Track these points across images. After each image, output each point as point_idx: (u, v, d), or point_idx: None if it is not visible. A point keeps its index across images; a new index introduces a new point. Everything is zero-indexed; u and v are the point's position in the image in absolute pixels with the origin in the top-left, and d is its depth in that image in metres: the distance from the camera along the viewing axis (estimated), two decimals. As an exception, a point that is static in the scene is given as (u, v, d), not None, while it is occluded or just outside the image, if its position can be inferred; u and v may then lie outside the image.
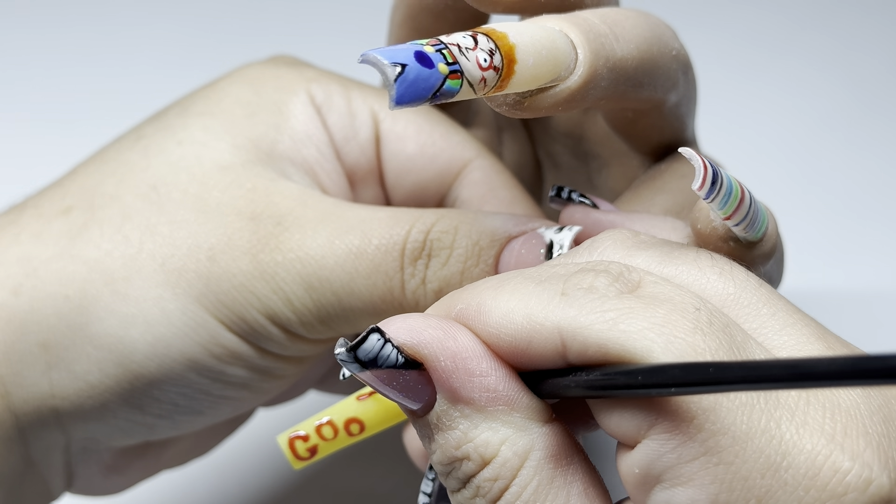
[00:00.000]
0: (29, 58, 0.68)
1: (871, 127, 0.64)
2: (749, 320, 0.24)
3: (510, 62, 0.25)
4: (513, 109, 0.27)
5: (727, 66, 0.66)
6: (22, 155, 0.62)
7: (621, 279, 0.24)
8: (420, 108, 0.36)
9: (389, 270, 0.31)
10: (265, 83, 0.35)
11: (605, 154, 0.37)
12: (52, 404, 0.32)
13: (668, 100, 0.32)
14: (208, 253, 0.31)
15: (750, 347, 0.23)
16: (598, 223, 0.31)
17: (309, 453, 0.31)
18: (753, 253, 0.28)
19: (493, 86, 0.25)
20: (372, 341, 0.24)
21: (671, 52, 0.30)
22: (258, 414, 0.42)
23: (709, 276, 0.25)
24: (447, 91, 0.24)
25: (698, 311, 0.22)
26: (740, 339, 0.23)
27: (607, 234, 0.27)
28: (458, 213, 0.32)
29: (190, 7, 0.71)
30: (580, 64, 0.26)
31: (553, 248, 0.30)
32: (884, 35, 0.68)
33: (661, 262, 0.25)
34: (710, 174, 0.25)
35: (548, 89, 0.26)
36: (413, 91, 0.23)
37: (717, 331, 0.22)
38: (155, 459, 0.37)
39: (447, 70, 0.24)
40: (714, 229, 0.28)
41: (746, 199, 0.26)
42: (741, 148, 0.60)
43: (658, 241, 0.26)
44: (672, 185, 0.33)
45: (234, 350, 0.32)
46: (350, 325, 0.32)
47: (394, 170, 0.36)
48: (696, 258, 0.25)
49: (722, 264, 0.25)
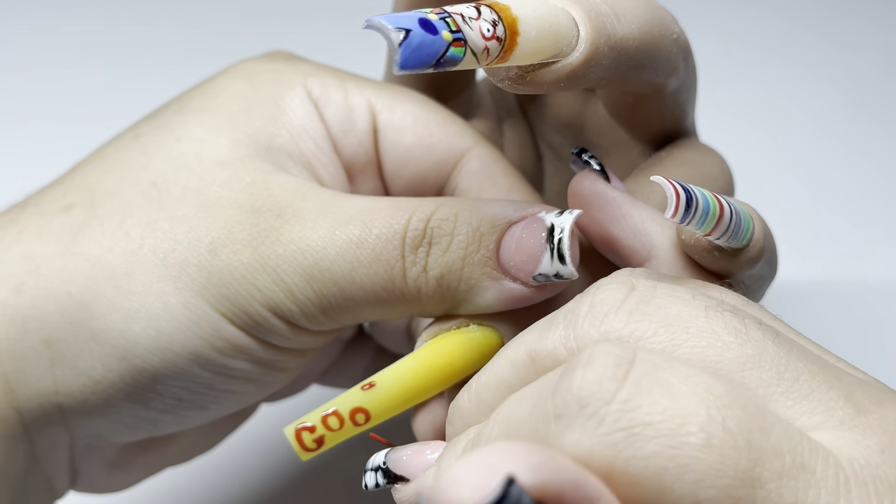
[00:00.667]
0: (29, 58, 0.68)
1: (869, 127, 0.64)
2: (771, 385, 0.23)
3: (513, 34, 0.25)
4: (515, 84, 0.27)
5: (725, 67, 0.66)
6: (22, 155, 0.62)
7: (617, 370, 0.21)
8: (418, 99, 0.36)
9: (391, 259, 0.31)
10: (262, 78, 0.35)
11: (605, 144, 0.37)
12: (55, 401, 0.32)
13: (668, 84, 0.32)
14: (209, 247, 0.31)
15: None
16: (600, 195, 0.31)
17: (316, 444, 0.31)
18: (740, 259, 0.28)
19: (496, 56, 0.25)
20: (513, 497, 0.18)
21: (672, 35, 0.30)
22: (261, 409, 0.42)
23: (724, 338, 0.23)
24: (451, 58, 0.24)
25: (709, 410, 0.21)
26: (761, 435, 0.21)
27: (608, 289, 0.24)
28: (457, 200, 0.32)
29: (190, 7, 0.71)
30: (582, 41, 0.27)
31: (554, 232, 0.30)
32: (881, 36, 0.69)
33: (668, 329, 0.23)
34: (682, 201, 0.25)
35: (550, 65, 0.27)
36: (417, 56, 0.24)
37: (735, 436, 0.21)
38: (159, 456, 0.38)
39: (451, 37, 0.24)
40: (697, 241, 0.28)
41: (726, 213, 0.26)
42: (740, 148, 0.60)
43: (664, 296, 0.24)
44: (670, 171, 0.33)
45: (236, 343, 0.32)
46: (352, 316, 0.32)
47: (392, 161, 0.36)
48: (707, 317, 0.23)
49: (736, 323, 0.23)
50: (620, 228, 0.30)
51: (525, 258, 0.30)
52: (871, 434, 0.22)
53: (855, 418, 0.22)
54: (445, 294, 0.31)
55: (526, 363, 0.25)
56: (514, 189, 0.35)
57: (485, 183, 0.35)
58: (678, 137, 0.35)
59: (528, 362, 0.24)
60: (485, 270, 0.31)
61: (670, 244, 0.30)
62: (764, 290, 0.33)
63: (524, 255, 0.30)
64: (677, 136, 0.35)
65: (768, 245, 0.29)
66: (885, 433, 0.22)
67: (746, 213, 0.28)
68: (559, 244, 0.30)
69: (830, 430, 0.22)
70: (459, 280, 0.31)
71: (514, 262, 0.31)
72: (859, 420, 0.22)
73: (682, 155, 0.34)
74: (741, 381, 0.22)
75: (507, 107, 0.41)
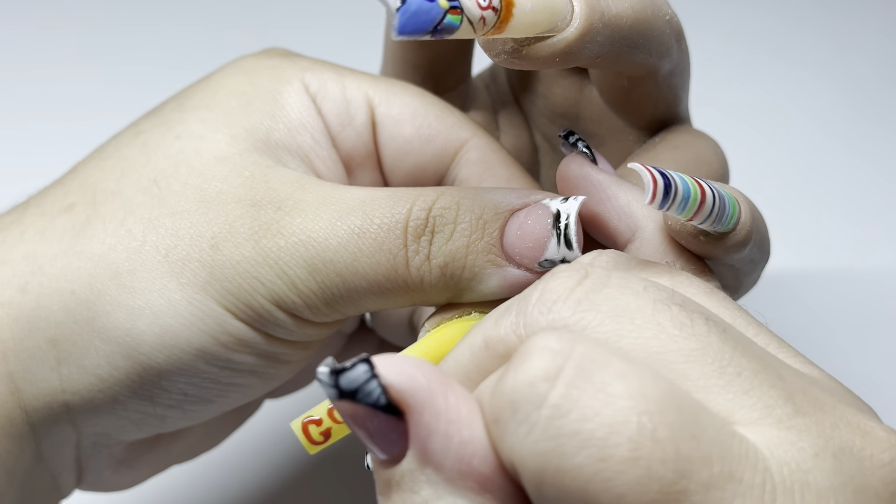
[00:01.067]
0: (29, 57, 0.68)
1: (868, 127, 0.64)
2: (712, 378, 0.22)
3: (508, 4, 0.26)
4: (511, 58, 0.28)
5: (724, 67, 0.66)
6: (22, 155, 0.62)
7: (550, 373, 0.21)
8: (416, 92, 0.36)
9: (393, 248, 0.31)
10: (259, 74, 0.36)
11: (601, 132, 0.37)
12: (62, 399, 0.32)
13: (662, 67, 0.32)
14: (211, 241, 0.32)
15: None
16: (586, 178, 0.31)
17: (323, 437, 0.31)
18: (727, 243, 0.29)
19: (492, 26, 0.26)
20: (359, 371, 0.22)
21: (665, 16, 0.31)
22: (265, 405, 0.42)
23: (669, 331, 0.23)
24: (448, 26, 0.25)
25: (640, 417, 0.20)
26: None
27: (561, 276, 0.24)
28: (458, 189, 0.32)
29: (189, 6, 0.71)
30: (576, 16, 0.27)
31: (560, 218, 0.30)
32: (880, 36, 0.69)
33: (614, 320, 0.23)
34: (660, 187, 0.25)
35: (545, 39, 0.27)
36: (415, 22, 0.24)
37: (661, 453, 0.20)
38: (165, 453, 0.38)
39: (447, 5, 0.25)
40: (682, 226, 0.28)
41: (708, 198, 0.27)
42: (738, 149, 0.61)
43: (615, 286, 0.24)
44: (665, 155, 0.34)
45: (240, 337, 0.32)
46: (355, 306, 0.32)
47: (391, 153, 0.36)
48: (654, 309, 0.23)
49: (682, 317, 0.23)
50: (606, 210, 0.31)
51: (531, 244, 0.30)
52: (806, 436, 0.22)
53: (793, 418, 0.22)
54: (449, 282, 0.31)
55: (481, 349, 0.24)
56: (513, 178, 0.36)
57: (484, 173, 0.35)
58: (672, 124, 0.36)
59: (483, 348, 0.24)
60: (489, 258, 0.31)
61: (655, 226, 0.30)
62: (757, 273, 0.33)
63: (530, 242, 0.30)
64: (671, 122, 0.36)
65: (757, 228, 0.30)
66: (821, 436, 0.22)
67: (732, 197, 0.28)
68: (566, 230, 0.30)
69: (767, 427, 0.22)
70: (463, 268, 0.31)
71: (518, 249, 0.31)
72: (797, 421, 0.22)
73: (675, 139, 0.34)
74: (682, 373, 0.22)
75: (503, 99, 0.41)
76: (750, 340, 0.24)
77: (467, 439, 0.22)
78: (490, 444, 0.22)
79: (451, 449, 0.22)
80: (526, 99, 0.41)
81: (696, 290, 0.27)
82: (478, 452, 0.22)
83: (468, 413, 0.22)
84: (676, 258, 0.29)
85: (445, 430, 0.22)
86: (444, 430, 0.22)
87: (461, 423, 0.22)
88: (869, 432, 0.23)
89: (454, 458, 0.22)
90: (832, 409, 0.23)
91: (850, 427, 0.22)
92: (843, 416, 0.23)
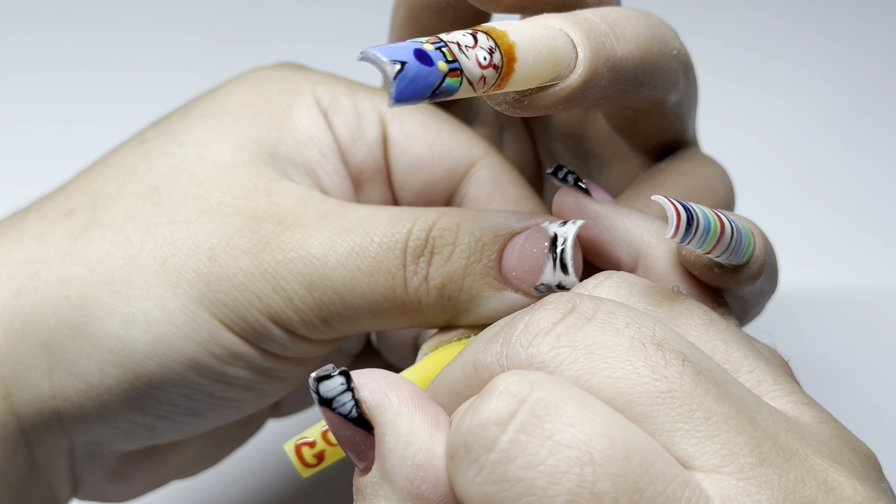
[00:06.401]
0: (30, 61, 0.69)
1: (868, 129, 0.64)
2: (678, 422, 0.22)
3: (510, 60, 0.25)
4: (512, 108, 0.27)
5: (724, 69, 0.66)
6: (22, 155, 0.62)
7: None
8: (427, 108, 0.36)
9: (392, 268, 0.31)
10: (269, 86, 0.35)
11: (605, 154, 0.37)
12: (53, 406, 0.32)
13: (668, 99, 0.32)
14: (209, 253, 0.31)
15: None
16: (581, 210, 0.30)
17: (316, 460, 0.31)
18: (740, 276, 0.28)
19: (493, 84, 0.25)
20: (335, 382, 0.24)
21: (672, 51, 0.30)
22: (268, 424, 0.41)
23: (640, 371, 0.23)
24: (446, 89, 0.24)
25: (583, 468, 0.21)
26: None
27: (546, 309, 0.24)
28: (459, 210, 0.32)
29: (190, 7, 0.71)
30: (580, 63, 0.26)
31: (557, 242, 0.30)
32: (880, 38, 0.68)
33: (588, 357, 0.23)
34: (683, 221, 0.25)
35: (548, 88, 0.26)
36: (412, 89, 0.23)
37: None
38: (161, 465, 0.37)
39: (447, 68, 0.24)
40: (697, 258, 0.28)
41: (727, 231, 0.26)
42: (738, 150, 0.60)
43: (599, 321, 0.24)
44: (671, 182, 0.33)
45: (234, 350, 0.31)
46: (352, 325, 0.32)
47: (402, 169, 0.35)
48: (630, 348, 0.23)
49: (657, 357, 0.23)
50: (606, 241, 0.30)
51: (527, 268, 0.30)
52: (766, 489, 0.21)
53: (755, 468, 0.22)
54: (447, 304, 0.31)
55: (471, 371, 0.25)
56: (523, 199, 0.35)
57: (493, 192, 0.35)
58: (679, 148, 0.35)
59: (472, 371, 0.25)
60: (486, 280, 0.31)
61: (656, 252, 0.29)
62: (763, 304, 0.32)
63: (526, 265, 0.30)
64: (678, 146, 0.35)
65: (769, 261, 0.29)
66: (781, 489, 0.22)
67: (748, 229, 0.28)
68: (562, 254, 0.29)
69: (727, 476, 0.22)
70: (461, 290, 0.31)
71: (516, 272, 0.30)
72: (759, 471, 0.22)
73: (682, 166, 0.34)
74: (648, 415, 0.22)
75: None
76: (732, 381, 0.24)
77: (420, 464, 0.23)
78: (445, 472, 0.23)
79: (404, 471, 0.23)
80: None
81: (695, 321, 0.26)
82: (427, 479, 0.23)
83: (428, 439, 0.23)
84: (682, 282, 0.29)
85: (402, 452, 0.23)
86: (401, 451, 0.23)
87: (417, 448, 0.23)
88: (835, 488, 0.22)
89: (405, 479, 0.23)
90: (801, 461, 0.22)
91: (815, 482, 0.22)
92: (811, 469, 0.22)
